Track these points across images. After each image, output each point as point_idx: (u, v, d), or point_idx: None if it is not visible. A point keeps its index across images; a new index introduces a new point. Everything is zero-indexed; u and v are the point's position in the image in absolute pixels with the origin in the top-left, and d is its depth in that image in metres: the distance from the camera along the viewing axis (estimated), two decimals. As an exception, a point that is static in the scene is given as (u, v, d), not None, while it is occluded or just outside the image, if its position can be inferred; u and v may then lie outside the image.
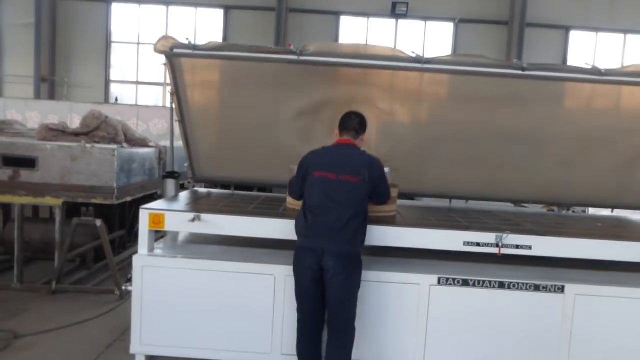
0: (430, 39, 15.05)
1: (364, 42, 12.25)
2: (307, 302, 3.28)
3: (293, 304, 3.35)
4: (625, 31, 14.73)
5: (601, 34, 14.85)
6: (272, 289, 3.55)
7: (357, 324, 3.30)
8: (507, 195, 4.98)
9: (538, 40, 14.47)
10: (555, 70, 4.15)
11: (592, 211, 6.71)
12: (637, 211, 5.76)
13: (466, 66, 4.02)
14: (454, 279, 3.51)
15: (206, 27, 15.15)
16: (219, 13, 15.26)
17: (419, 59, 3.95)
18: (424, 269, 3.62)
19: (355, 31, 15.17)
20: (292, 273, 3.30)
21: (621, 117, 4.48)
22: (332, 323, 3.26)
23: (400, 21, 15.14)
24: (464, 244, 3.53)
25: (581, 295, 3.50)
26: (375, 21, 15.25)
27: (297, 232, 3.29)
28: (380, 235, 3.56)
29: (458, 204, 5.07)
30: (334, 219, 3.16)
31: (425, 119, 4.57)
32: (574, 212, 6.09)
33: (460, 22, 14.94)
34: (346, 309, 3.26)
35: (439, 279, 3.51)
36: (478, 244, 3.53)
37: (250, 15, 15.00)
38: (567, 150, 4.58)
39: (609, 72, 4.09)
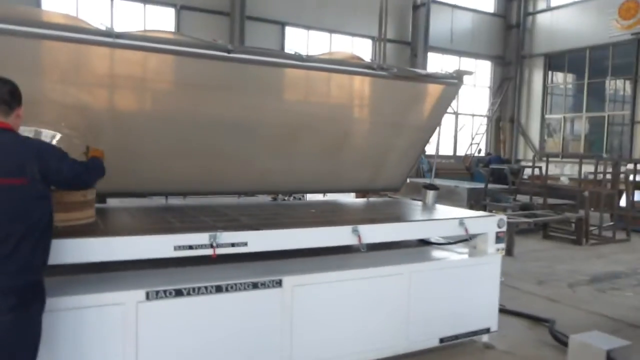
0: (151, 24, 14.12)
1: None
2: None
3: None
4: (331, 30, 16.44)
5: (312, 32, 16.24)
6: None
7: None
8: (226, 187, 4.75)
9: (258, 33, 14.99)
10: (260, 54, 4.03)
11: (309, 197, 7.11)
12: (346, 194, 6.31)
13: (165, 44, 3.55)
14: (165, 291, 3.03)
15: None
16: None
17: (109, 33, 3.31)
18: (128, 284, 3.06)
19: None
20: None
21: (324, 106, 4.68)
22: None
23: (117, 2, 13.81)
24: (175, 249, 3.08)
25: (298, 285, 3.44)
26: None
27: None
28: (72, 250, 2.83)
29: (175, 201, 4.62)
30: None
31: (126, 107, 3.95)
32: (295, 198, 6.32)
33: (182, 9, 14.43)
34: (23, 354, 2.47)
35: (147, 294, 2.99)
36: (191, 247, 3.12)
37: None
38: (279, 138, 4.56)
39: (310, 59, 4.18)
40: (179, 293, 3.07)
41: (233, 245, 3.24)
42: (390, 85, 4.77)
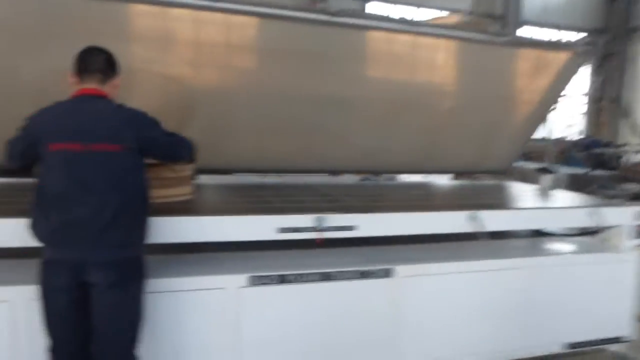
0: None
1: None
2: (65, 335, 2.26)
3: (42, 340, 2.27)
4: (417, 5, 15.68)
5: (398, 6, 15.58)
6: (8, 321, 2.42)
7: (142, 350, 2.38)
8: (323, 165, 4.42)
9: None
10: (365, 18, 3.66)
11: (402, 177, 6.66)
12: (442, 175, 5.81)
13: (260, 7, 3.29)
14: (268, 277, 2.78)
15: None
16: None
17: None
18: (230, 267, 2.83)
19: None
20: (37, 294, 2.22)
21: (429, 77, 4.26)
22: (103, 353, 2.28)
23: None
24: (279, 231, 2.81)
25: (410, 276, 3.08)
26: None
27: (39, 238, 2.21)
28: (170, 229, 2.63)
29: (269, 178, 4.38)
30: (91, 212, 2.14)
31: (222, 79, 3.71)
32: (389, 179, 5.92)
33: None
34: (123, 333, 2.31)
35: (250, 279, 2.75)
36: (295, 230, 2.84)
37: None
38: (379, 113, 4.18)
39: (420, 24, 3.77)
40: (282, 279, 2.81)
41: (340, 228, 2.92)
42: (504, 54, 4.26)
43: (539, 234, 4.11)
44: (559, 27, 17.37)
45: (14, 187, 3.26)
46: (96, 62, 2.29)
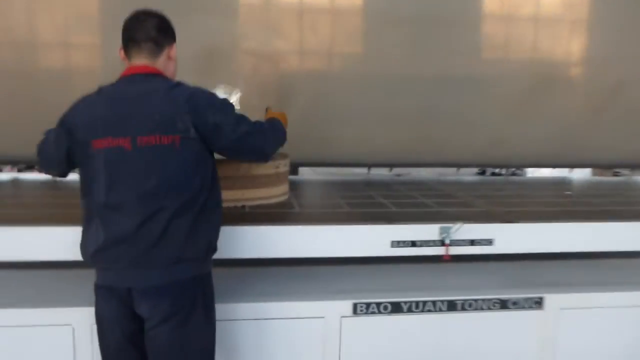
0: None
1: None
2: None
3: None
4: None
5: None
6: (71, 347, 2.04)
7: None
8: (441, 157, 3.70)
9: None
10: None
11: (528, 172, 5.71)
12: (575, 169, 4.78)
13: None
14: (378, 304, 2.16)
15: None
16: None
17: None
18: (329, 289, 2.24)
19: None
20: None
21: (585, 46, 3.41)
22: None
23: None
24: (393, 245, 2.18)
25: (567, 308, 2.30)
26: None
27: (85, 258, 1.74)
28: (258, 241, 2.11)
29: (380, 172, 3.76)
30: (137, 223, 1.61)
31: (324, 57, 3.20)
32: (515, 174, 5.04)
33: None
34: None
35: (355, 306, 2.15)
36: (413, 244, 2.19)
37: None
38: (519, 94, 3.42)
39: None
40: (396, 308, 2.18)
41: (473, 243, 2.23)
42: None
43: None
44: None
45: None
46: (144, 28, 1.72)
